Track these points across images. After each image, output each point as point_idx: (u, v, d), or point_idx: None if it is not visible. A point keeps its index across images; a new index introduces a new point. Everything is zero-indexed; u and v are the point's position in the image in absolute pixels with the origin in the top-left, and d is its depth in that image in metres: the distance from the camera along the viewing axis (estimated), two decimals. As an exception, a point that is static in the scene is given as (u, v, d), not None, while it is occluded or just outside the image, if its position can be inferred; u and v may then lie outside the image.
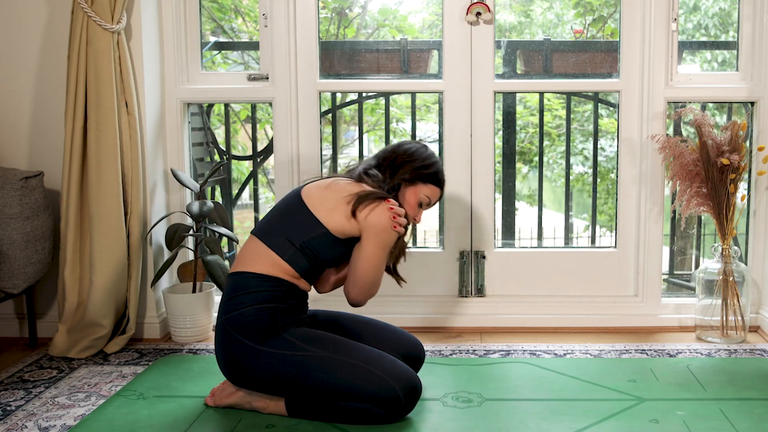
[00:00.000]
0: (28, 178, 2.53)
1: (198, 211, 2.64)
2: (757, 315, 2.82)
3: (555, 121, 3.82)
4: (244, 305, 1.98)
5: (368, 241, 2.02)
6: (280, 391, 1.99)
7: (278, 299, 1.99)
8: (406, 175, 2.11)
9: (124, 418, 2.03)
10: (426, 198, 2.15)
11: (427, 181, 2.14)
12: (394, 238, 2.04)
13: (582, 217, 4.44)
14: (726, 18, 3.35)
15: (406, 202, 2.12)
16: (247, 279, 2.00)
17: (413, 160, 2.13)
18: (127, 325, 2.65)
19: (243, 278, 2.01)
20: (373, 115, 4.00)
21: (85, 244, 2.59)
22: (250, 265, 2.02)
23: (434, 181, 2.16)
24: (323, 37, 3.28)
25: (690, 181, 2.68)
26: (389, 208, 2.01)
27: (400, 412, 1.94)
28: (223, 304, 2.03)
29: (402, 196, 2.12)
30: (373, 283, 2.08)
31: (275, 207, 2.15)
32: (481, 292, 2.92)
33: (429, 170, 2.14)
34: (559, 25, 3.64)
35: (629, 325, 2.86)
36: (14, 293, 2.56)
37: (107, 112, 2.51)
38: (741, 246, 2.94)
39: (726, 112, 3.04)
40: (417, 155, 2.14)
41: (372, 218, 2.00)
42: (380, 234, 2.00)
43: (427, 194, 2.15)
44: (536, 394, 2.17)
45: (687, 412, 2.03)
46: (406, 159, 2.13)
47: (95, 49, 2.49)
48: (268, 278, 1.99)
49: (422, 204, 2.16)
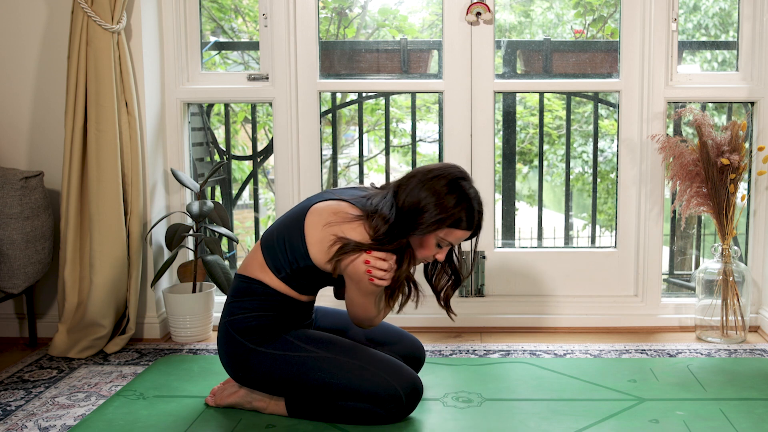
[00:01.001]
0: (28, 178, 2.53)
1: (198, 211, 2.64)
2: (757, 315, 2.82)
3: (555, 121, 3.82)
4: (249, 310, 1.98)
5: (350, 287, 1.94)
6: (282, 390, 1.99)
7: (282, 309, 2.00)
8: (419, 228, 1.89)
9: (124, 418, 2.03)
10: (445, 241, 1.94)
11: (448, 227, 1.91)
12: (376, 288, 1.90)
13: (582, 217, 4.44)
14: (726, 18, 3.35)
15: (420, 244, 1.94)
16: (254, 286, 2.00)
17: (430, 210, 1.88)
18: (127, 325, 2.65)
19: (249, 284, 2.00)
20: (373, 115, 4.00)
21: (85, 244, 2.59)
22: (257, 272, 2.00)
23: (457, 227, 1.91)
24: (323, 37, 3.28)
25: (690, 181, 2.68)
26: (365, 261, 1.86)
27: (401, 412, 1.94)
28: (227, 304, 2.03)
29: (418, 237, 1.93)
30: (367, 319, 2.00)
31: (286, 214, 2.06)
32: (481, 292, 2.92)
33: (450, 220, 1.89)
34: (559, 25, 3.64)
35: (629, 325, 2.86)
36: (14, 293, 2.56)
37: (107, 112, 2.51)
38: (741, 246, 2.94)
39: (726, 112, 3.04)
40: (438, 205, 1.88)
41: (349, 269, 1.89)
42: (359, 283, 1.90)
43: (448, 238, 1.93)
44: (536, 394, 2.17)
45: (687, 412, 2.03)
46: (421, 208, 1.89)
47: (95, 49, 2.49)
48: (272, 290, 1.99)
49: (442, 245, 1.95)
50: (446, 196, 1.89)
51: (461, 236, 1.94)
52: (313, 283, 2.00)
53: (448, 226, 1.89)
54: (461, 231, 1.92)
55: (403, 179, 1.98)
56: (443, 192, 1.89)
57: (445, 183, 1.91)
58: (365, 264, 1.86)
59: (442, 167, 1.96)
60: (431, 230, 1.89)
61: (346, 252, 1.87)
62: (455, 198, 1.89)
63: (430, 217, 1.88)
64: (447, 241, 1.94)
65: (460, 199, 1.90)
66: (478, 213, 1.94)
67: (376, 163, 4.21)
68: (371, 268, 1.86)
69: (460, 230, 1.91)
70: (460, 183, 1.92)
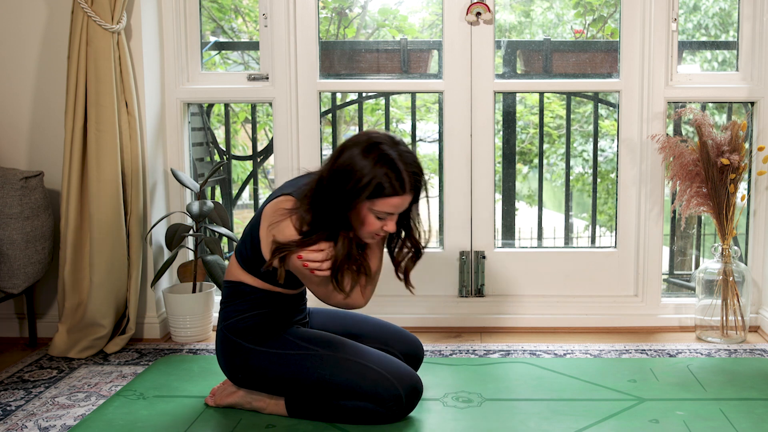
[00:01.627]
0: (28, 178, 2.53)
1: (198, 211, 2.64)
2: (757, 315, 2.82)
3: (555, 121, 3.82)
4: (242, 311, 1.98)
5: (303, 281, 1.96)
6: (282, 390, 1.99)
7: (273, 304, 2.00)
8: (342, 203, 1.80)
9: (124, 418, 2.03)
10: (381, 212, 1.83)
11: (373, 197, 1.80)
12: (317, 276, 1.87)
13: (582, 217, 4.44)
14: (726, 18, 3.35)
15: (358, 221, 1.84)
16: (240, 288, 2.00)
17: (348, 180, 1.78)
18: (127, 325, 2.65)
19: (236, 287, 2.01)
20: (373, 115, 4.00)
21: (84, 244, 2.59)
22: (239, 275, 2.01)
23: (381, 194, 1.79)
24: (323, 37, 3.28)
25: (690, 181, 2.68)
26: (298, 257, 1.83)
27: (401, 411, 1.94)
28: (221, 311, 2.04)
29: (352, 214, 1.84)
30: (340, 304, 1.96)
31: (253, 216, 2.04)
32: (481, 292, 2.92)
33: (369, 188, 1.77)
34: (559, 25, 3.64)
35: (629, 325, 2.86)
36: (14, 293, 2.56)
37: (107, 112, 2.51)
38: (741, 246, 2.94)
39: (726, 112, 3.04)
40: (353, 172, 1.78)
41: (291, 267, 1.90)
42: (306, 277, 1.91)
43: (380, 208, 1.81)
44: (536, 394, 2.17)
45: (687, 412, 2.03)
46: (340, 182, 1.79)
47: (95, 49, 2.49)
48: (257, 289, 1.99)
49: (381, 218, 1.85)
50: (361, 164, 1.77)
51: (396, 203, 1.81)
52: (288, 277, 1.98)
53: (371, 196, 1.78)
54: (391, 198, 1.80)
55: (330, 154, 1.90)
56: (358, 160, 1.78)
57: (360, 150, 1.79)
58: (298, 259, 1.84)
59: (361, 134, 1.85)
60: (354, 204, 1.80)
61: (281, 253, 1.84)
62: (371, 164, 1.77)
63: (349, 190, 1.78)
64: (383, 212, 1.82)
65: (378, 164, 1.77)
66: (409, 174, 1.80)
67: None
68: (306, 261, 1.83)
69: (388, 198, 1.79)
70: (377, 147, 1.79)
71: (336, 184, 1.81)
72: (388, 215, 1.84)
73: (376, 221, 1.84)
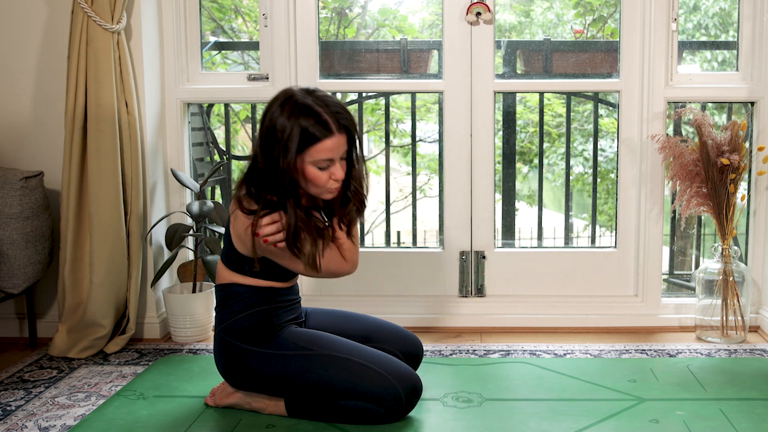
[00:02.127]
0: (28, 178, 2.53)
1: (198, 211, 2.64)
2: (757, 315, 2.82)
3: (555, 119, 3.82)
4: (238, 313, 1.98)
5: (276, 260, 1.95)
6: (281, 391, 1.99)
7: (268, 301, 2.00)
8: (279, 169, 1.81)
9: (124, 418, 2.03)
10: (320, 161, 1.82)
11: (303, 148, 1.80)
12: (284, 249, 1.89)
13: (582, 217, 4.44)
14: (726, 18, 3.35)
15: (306, 180, 1.85)
16: (232, 290, 2.00)
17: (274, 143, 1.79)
18: (127, 325, 2.65)
19: (228, 289, 2.01)
20: (373, 115, 4.00)
21: (84, 244, 2.59)
22: (229, 277, 2.02)
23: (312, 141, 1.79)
24: (323, 37, 3.28)
25: (690, 181, 2.68)
26: (256, 235, 1.85)
27: (401, 411, 1.94)
28: (216, 315, 2.04)
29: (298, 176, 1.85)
30: (324, 274, 1.96)
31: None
32: (481, 292, 2.92)
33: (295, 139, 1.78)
34: (559, 25, 3.64)
35: (629, 325, 2.86)
36: (14, 293, 2.56)
37: (107, 112, 2.51)
38: (741, 246, 2.94)
39: (726, 112, 3.04)
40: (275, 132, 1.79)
41: (258, 249, 1.91)
42: (273, 253, 1.92)
43: (318, 156, 1.81)
44: (536, 394, 2.17)
45: (687, 412, 2.03)
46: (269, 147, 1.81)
47: (95, 49, 2.49)
48: (249, 287, 1.99)
49: (323, 168, 1.84)
50: (281, 122, 1.79)
51: (330, 146, 1.81)
52: (273, 267, 1.99)
53: (301, 148, 1.79)
54: (322, 142, 1.80)
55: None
56: (277, 119, 1.80)
57: (277, 111, 1.81)
58: (257, 237, 1.86)
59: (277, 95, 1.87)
60: (291, 164, 1.80)
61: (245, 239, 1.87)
62: (288, 117, 1.79)
63: (279, 151, 1.79)
64: (322, 160, 1.82)
65: (294, 115, 1.78)
66: (330, 114, 1.80)
67: (376, 163, 4.21)
68: (266, 238, 1.84)
69: (318, 143, 1.79)
70: (290, 100, 1.81)
71: (266, 151, 1.83)
72: (328, 162, 1.84)
73: (321, 173, 1.84)
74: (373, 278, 2.94)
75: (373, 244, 3.90)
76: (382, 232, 3.24)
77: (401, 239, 3.90)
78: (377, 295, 2.94)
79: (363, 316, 2.24)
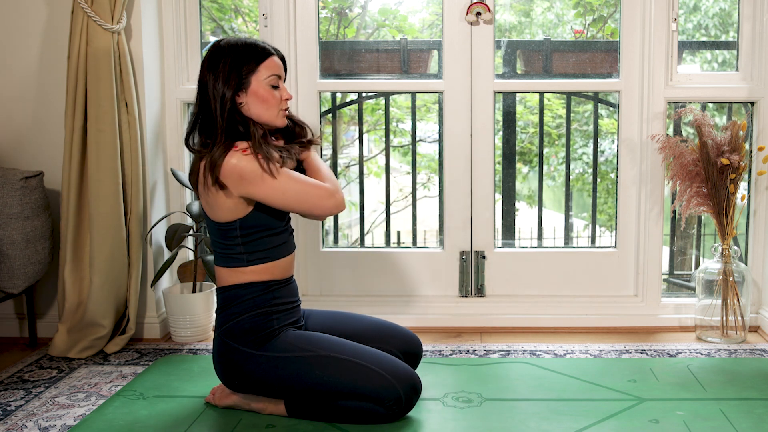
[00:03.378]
0: (28, 178, 2.53)
1: (198, 211, 2.64)
2: (757, 315, 2.82)
3: (555, 121, 3.82)
4: (238, 315, 1.98)
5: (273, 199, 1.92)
6: (281, 393, 1.99)
7: (269, 301, 2.00)
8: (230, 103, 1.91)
9: (124, 418, 2.03)
10: (273, 78, 1.96)
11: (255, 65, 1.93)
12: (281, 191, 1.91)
13: (582, 217, 4.44)
14: (726, 18, 3.35)
15: (258, 102, 1.95)
16: (231, 292, 2.00)
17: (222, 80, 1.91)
18: (127, 325, 2.65)
19: (227, 292, 2.01)
20: (373, 115, 4.00)
21: (84, 244, 2.59)
22: (228, 279, 2.02)
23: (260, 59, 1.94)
24: (323, 37, 3.28)
25: (690, 181, 2.68)
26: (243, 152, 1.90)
27: (400, 410, 1.94)
28: (217, 318, 2.04)
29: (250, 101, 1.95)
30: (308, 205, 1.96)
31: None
32: (481, 292, 2.92)
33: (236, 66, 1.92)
34: (559, 25, 3.64)
35: (629, 325, 2.86)
36: (14, 293, 2.56)
37: (107, 112, 2.52)
38: (741, 246, 2.94)
39: (726, 112, 3.04)
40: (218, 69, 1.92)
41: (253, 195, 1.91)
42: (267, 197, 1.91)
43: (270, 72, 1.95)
44: (536, 394, 2.17)
45: (687, 412, 2.03)
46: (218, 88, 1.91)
47: (95, 49, 2.49)
48: (248, 285, 1.99)
49: (276, 86, 1.97)
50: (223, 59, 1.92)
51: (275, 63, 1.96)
52: (262, 236, 1.98)
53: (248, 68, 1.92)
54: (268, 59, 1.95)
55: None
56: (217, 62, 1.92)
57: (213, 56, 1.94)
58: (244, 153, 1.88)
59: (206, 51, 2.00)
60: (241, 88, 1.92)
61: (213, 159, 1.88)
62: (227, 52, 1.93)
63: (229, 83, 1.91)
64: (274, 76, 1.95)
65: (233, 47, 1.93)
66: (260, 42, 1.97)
67: (376, 164, 4.21)
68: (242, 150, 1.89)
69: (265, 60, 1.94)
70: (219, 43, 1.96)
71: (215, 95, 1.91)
72: (278, 79, 1.97)
73: (273, 92, 1.96)
74: (373, 278, 2.94)
75: (373, 244, 3.90)
76: (382, 232, 3.24)
77: (401, 239, 3.90)
78: (377, 295, 2.94)
79: (362, 317, 2.24)
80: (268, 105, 1.96)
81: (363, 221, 3.21)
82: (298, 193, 1.93)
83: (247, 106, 1.95)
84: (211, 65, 1.94)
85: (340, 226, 3.45)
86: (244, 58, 1.93)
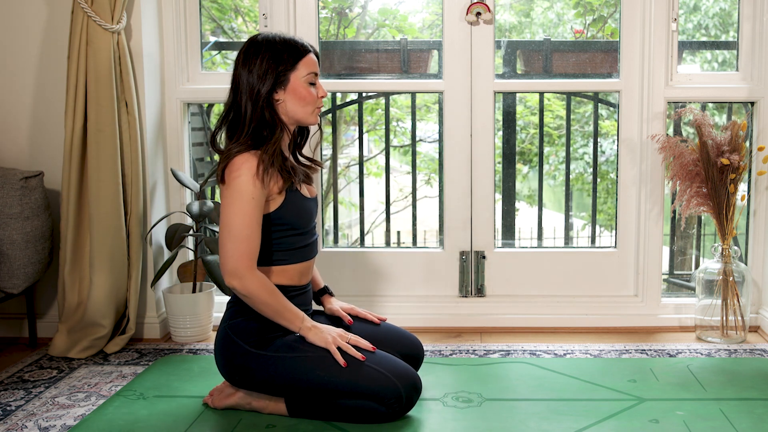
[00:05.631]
0: (28, 178, 2.53)
1: (198, 211, 2.64)
2: (757, 315, 2.82)
3: (555, 121, 3.82)
4: (249, 312, 1.98)
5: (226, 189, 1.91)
6: (282, 391, 1.99)
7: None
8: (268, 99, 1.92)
9: (124, 418, 2.03)
10: (312, 76, 1.97)
11: (294, 65, 1.94)
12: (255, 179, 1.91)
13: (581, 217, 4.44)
14: (726, 18, 3.35)
15: (297, 100, 1.96)
16: None
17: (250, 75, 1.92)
18: (127, 325, 2.65)
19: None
20: (373, 115, 4.00)
21: (84, 244, 2.59)
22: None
23: (300, 55, 1.94)
24: (323, 37, 3.28)
25: (690, 181, 2.68)
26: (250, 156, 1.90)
27: (401, 409, 1.94)
28: (228, 308, 2.03)
29: (288, 98, 1.95)
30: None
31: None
32: (481, 292, 2.92)
33: (274, 63, 1.92)
34: (559, 25, 3.64)
35: (629, 325, 2.86)
36: (14, 293, 2.56)
37: (107, 112, 2.52)
38: (741, 246, 2.94)
39: (726, 112, 3.04)
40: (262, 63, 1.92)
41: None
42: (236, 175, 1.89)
43: (309, 70, 1.96)
44: (536, 394, 2.17)
45: (687, 412, 2.03)
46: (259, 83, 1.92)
47: (95, 49, 2.49)
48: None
49: (313, 83, 1.99)
50: (264, 53, 1.92)
51: (313, 59, 1.98)
52: (284, 234, 1.99)
53: (293, 63, 1.93)
54: (307, 55, 1.95)
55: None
56: (257, 56, 1.92)
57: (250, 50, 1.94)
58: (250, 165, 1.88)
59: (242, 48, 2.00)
60: (280, 84, 1.93)
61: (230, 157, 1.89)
62: (267, 47, 1.92)
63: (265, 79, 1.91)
64: (312, 74, 1.97)
65: (271, 43, 1.93)
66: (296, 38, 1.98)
67: (376, 164, 4.21)
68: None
69: (305, 56, 1.95)
70: (256, 38, 1.96)
71: (249, 88, 1.92)
72: (315, 77, 1.99)
73: (311, 89, 1.98)
74: (373, 278, 2.94)
75: (373, 244, 3.90)
76: (382, 232, 3.24)
77: (401, 239, 3.90)
78: (377, 295, 2.94)
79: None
80: (306, 102, 1.98)
81: (363, 221, 3.21)
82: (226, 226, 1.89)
83: (284, 104, 1.96)
84: (246, 60, 1.94)
85: (340, 226, 3.45)
86: (283, 54, 1.93)
